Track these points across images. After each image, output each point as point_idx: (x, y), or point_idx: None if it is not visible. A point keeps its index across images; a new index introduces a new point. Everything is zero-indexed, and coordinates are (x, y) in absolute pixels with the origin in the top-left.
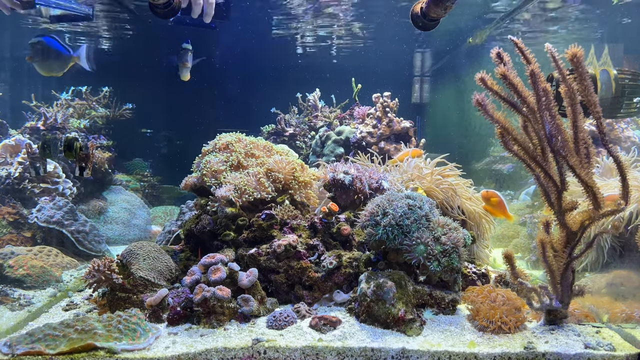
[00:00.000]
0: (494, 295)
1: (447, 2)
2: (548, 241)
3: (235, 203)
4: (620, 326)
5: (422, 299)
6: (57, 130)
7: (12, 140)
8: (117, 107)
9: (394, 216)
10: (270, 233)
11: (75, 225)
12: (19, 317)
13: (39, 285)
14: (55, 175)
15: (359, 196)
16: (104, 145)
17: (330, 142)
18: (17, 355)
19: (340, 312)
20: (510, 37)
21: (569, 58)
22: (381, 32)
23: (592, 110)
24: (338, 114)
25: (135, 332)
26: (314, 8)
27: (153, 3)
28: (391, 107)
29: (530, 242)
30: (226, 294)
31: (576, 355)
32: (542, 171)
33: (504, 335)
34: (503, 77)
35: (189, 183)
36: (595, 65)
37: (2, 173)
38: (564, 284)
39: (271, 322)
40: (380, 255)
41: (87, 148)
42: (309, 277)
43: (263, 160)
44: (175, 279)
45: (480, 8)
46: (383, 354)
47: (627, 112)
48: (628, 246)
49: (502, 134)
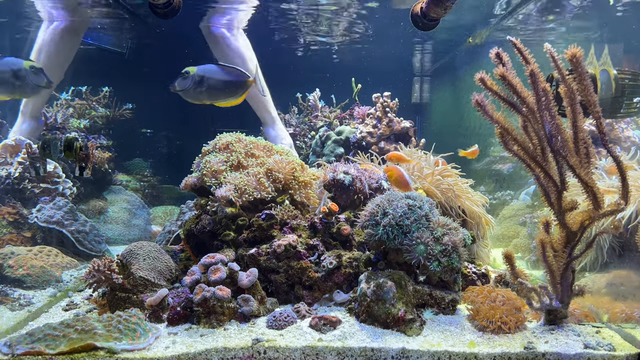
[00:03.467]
0: (494, 295)
1: (447, 2)
2: (548, 241)
3: (235, 203)
4: (620, 326)
5: (422, 299)
6: (57, 130)
7: (12, 140)
8: (117, 107)
9: (394, 216)
10: (270, 233)
11: (75, 225)
12: (19, 317)
13: (39, 285)
14: (55, 175)
15: (359, 196)
16: (104, 145)
17: (330, 142)
18: (17, 355)
19: (340, 312)
20: (509, 37)
21: (569, 58)
22: (381, 32)
23: (592, 110)
24: (338, 114)
25: (135, 332)
26: (314, 8)
27: (153, 3)
28: (391, 107)
29: (530, 242)
30: (226, 294)
31: (576, 355)
32: (542, 171)
33: (504, 335)
34: (502, 78)
35: (189, 183)
36: (595, 65)
37: (2, 173)
38: (564, 284)
39: (271, 322)
40: (380, 255)
41: (87, 148)
42: (309, 277)
43: (263, 160)
44: (175, 279)
45: (480, 7)
46: (383, 354)
47: (627, 112)
48: (628, 246)
49: (502, 134)
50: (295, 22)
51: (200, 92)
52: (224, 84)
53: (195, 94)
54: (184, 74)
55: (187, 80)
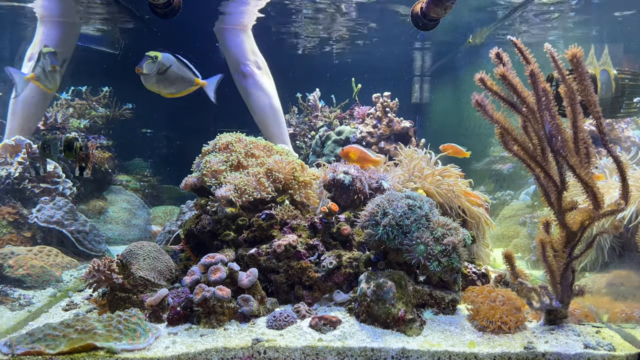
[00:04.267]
0: (494, 295)
1: (447, 2)
2: (548, 241)
3: (235, 203)
4: (620, 326)
5: (422, 299)
6: (57, 130)
7: (12, 140)
8: (117, 107)
9: (394, 216)
10: (270, 233)
11: (75, 225)
12: (19, 317)
13: (39, 285)
14: (55, 175)
15: (359, 196)
16: (104, 145)
17: (330, 142)
18: (17, 355)
19: (340, 312)
20: (509, 37)
21: (569, 58)
22: (381, 32)
23: (592, 110)
24: (338, 114)
25: (135, 332)
26: (314, 8)
27: (153, 3)
28: (391, 107)
29: (530, 242)
30: (226, 294)
31: (576, 355)
32: (542, 171)
33: (504, 335)
34: (502, 78)
35: (189, 183)
36: (595, 65)
37: (2, 173)
38: (564, 284)
39: (271, 322)
40: (380, 255)
41: (87, 148)
42: (309, 277)
43: (263, 160)
44: (175, 279)
45: (480, 7)
46: (383, 354)
47: (627, 112)
48: (628, 246)
49: (502, 134)
50: (296, 21)
51: (159, 79)
52: (180, 78)
53: (155, 80)
54: (153, 58)
55: (154, 65)
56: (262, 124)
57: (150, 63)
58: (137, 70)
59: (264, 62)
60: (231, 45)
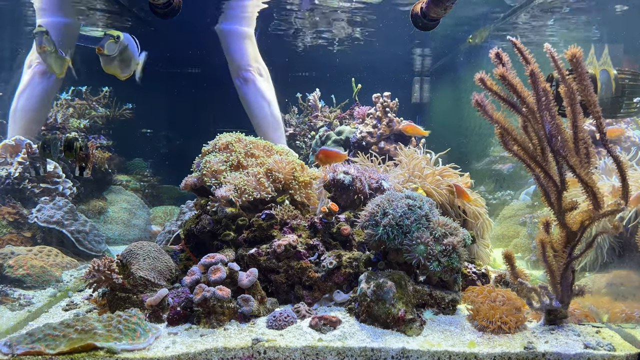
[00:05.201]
0: (494, 295)
1: (447, 2)
2: (548, 241)
3: (235, 203)
4: (620, 326)
5: (422, 299)
6: (57, 130)
7: (12, 140)
8: (117, 107)
9: (394, 216)
10: (270, 233)
11: (75, 225)
12: (19, 317)
13: (39, 285)
14: (55, 175)
15: (359, 196)
16: (104, 145)
17: (330, 142)
18: (17, 355)
19: (340, 312)
20: (509, 37)
21: (569, 58)
22: (381, 32)
23: (592, 110)
24: (338, 114)
25: (135, 332)
26: (315, 8)
27: (153, 3)
28: (391, 107)
29: (530, 242)
30: (226, 294)
31: (576, 355)
32: (542, 171)
33: (504, 335)
34: (502, 78)
35: (189, 183)
36: (595, 65)
37: (2, 173)
38: (564, 284)
39: (271, 322)
40: (380, 255)
41: (87, 148)
42: (309, 277)
43: (263, 160)
44: (175, 279)
45: (480, 7)
46: (383, 354)
47: (627, 112)
48: (628, 246)
49: (501, 134)
50: (296, 21)
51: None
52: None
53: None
54: (115, 38)
55: (116, 46)
56: (260, 131)
57: (112, 43)
58: (98, 51)
59: (267, 70)
60: (233, 50)
